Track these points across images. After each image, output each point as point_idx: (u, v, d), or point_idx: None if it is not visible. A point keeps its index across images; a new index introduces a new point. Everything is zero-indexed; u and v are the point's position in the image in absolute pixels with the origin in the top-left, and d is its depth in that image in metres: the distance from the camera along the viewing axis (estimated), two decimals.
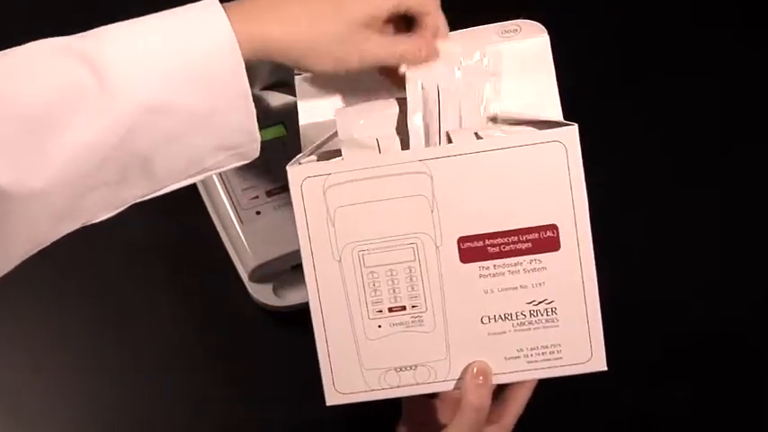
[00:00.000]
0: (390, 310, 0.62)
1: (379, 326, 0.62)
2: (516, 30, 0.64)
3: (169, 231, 0.98)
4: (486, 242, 0.60)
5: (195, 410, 0.90)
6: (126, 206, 0.60)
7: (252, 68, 0.58)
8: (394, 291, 0.62)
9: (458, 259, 0.61)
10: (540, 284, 0.61)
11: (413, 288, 0.61)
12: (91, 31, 0.56)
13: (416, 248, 0.61)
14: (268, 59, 0.59)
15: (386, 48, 0.61)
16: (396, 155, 0.61)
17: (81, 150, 0.54)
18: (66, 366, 0.92)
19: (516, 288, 0.61)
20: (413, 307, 0.62)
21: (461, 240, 0.61)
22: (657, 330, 0.90)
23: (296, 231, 0.62)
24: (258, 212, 0.93)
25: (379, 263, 0.61)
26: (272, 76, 0.98)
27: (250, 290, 0.93)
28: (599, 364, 0.62)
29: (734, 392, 0.91)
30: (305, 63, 0.60)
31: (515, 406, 0.64)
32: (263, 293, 0.93)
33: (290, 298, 0.93)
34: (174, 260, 0.97)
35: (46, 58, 0.54)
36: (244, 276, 0.93)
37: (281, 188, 0.94)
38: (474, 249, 0.61)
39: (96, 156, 0.54)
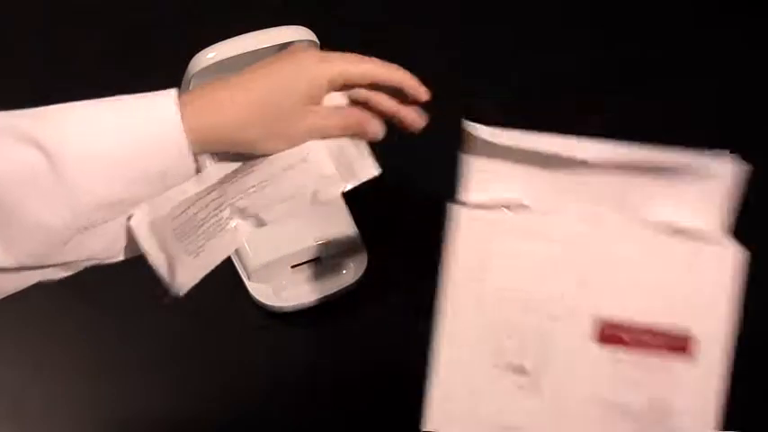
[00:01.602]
0: (513, 367, 0.61)
1: (497, 379, 0.61)
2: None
3: None
4: (626, 329, 0.60)
5: (195, 410, 0.90)
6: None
7: None
8: (522, 350, 0.61)
9: (593, 338, 0.60)
10: (665, 385, 0.60)
11: (540, 354, 0.61)
12: (39, 110, 0.55)
13: (556, 316, 0.60)
14: (220, 151, 0.59)
15: (329, 118, 0.59)
16: (560, 222, 0.60)
17: (42, 235, 0.55)
18: (66, 366, 0.92)
19: (641, 382, 0.60)
20: (535, 371, 0.61)
21: (602, 322, 0.60)
22: None
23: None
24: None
25: (517, 319, 0.60)
26: None
27: (250, 290, 0.93)
28: None
29: (734, 392, 0.91)
30: (257, 148, 0.59)
31: None
32: (263, 293, 0.93)
33: (290, 298, 0.93)
34: None
35: None
36: (244, 276, 0.93)
37: None
38: (612, 333, 0.60)
39: (56, 239, 0.56)
